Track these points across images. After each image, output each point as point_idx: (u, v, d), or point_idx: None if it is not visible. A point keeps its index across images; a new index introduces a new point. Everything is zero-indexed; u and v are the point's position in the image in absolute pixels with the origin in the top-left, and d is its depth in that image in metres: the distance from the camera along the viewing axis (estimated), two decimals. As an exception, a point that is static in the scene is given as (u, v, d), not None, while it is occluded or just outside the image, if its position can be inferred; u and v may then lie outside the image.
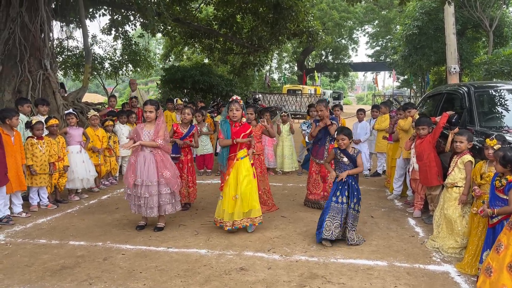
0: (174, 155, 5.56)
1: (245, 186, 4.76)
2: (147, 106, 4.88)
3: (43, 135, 5.93)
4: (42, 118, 6.21)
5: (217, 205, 4.97)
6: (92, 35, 18.33)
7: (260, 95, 20.96)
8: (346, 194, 4.50)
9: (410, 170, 5.70)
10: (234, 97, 4.97)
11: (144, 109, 4.94)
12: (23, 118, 6.17)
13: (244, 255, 4.19)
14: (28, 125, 5.85)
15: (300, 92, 26.75)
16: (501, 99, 5.55)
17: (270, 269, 3.86)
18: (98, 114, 7.34)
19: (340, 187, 4.53)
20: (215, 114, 10.12)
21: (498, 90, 5.71)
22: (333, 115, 6.37)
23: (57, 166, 6.01)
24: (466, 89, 5.52)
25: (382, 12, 35.41)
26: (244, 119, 4.96)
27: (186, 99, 14.49)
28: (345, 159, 4.59)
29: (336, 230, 4.44)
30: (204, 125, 8.53)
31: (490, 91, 5.69)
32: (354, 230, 4.52)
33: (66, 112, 6.74)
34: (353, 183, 4.55)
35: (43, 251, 4.31)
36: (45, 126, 5.99)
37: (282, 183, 7.78)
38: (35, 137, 5.80)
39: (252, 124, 6.00)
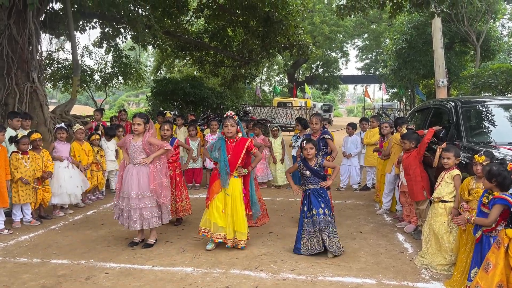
0: None
1: (240, 207, 4.73)
2: (136, 119, 4.85)
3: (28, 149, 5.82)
4: (25, 132, 6.10)
5: (203, 214, 4.91)
6: (83, 46, 18.30)
7: (250, 108, 20.99)
8: (310, 206, 4.61)
9: (399, 184, 5.69)
10: (229, 112, 4.94)
11: (132, 122, 4.90)
12: (12, 132, 6.05)
13: (230, 274, 4.11)
14: (13, 139, 5.73)
15: (290, 104, 26.83)
16: (488, 114, 5.55)
17: (257, 288, 3.78)
18: (83, 128, 7.24)
19: (305, 201, 4.67)
20: (205, 127, 10.06)
21: (486, 105, 5.70)
22: (326, 129, 6.35)
23: (42, 182, 5.89)
24: (453, 104, 5.53)
25: (372, 26, 35.85)
26: (240, 134, 4.90)
27: (176, 112, 14.45)
28: (308, 172, 4.68)
29: (313, 245, 4.55)
30: (196, 139, 8.46)
31: (477, 106, 5.68)
32: (332, 237, 4.55)
33: (57, 126, 6.64)
34: (313, 193, 4.63)
35: (24, 270, 4.19)
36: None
37: (271, 197, 7.70)
38: (20, 152, 5.70)
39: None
